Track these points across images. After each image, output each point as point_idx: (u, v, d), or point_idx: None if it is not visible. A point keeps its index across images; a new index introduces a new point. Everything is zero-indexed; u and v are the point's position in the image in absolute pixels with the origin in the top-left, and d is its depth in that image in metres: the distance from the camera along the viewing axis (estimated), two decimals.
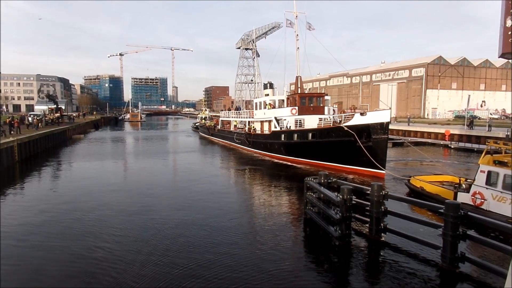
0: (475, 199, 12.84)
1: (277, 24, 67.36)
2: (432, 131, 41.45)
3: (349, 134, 21.97)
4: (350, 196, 10.28)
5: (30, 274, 8.85)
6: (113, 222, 12.77)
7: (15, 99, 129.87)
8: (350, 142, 21.99)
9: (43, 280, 8.60)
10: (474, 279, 8.49)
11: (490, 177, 12.34)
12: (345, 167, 23.29)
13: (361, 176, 21.47)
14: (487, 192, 12.44)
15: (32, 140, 30.35)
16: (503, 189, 11.83)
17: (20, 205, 15.41)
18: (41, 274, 8.86)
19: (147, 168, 25.91)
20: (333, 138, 23.57)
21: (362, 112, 22.29)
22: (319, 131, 25.12)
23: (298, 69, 31.89)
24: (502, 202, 11.82)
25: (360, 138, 21.58)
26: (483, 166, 12.68)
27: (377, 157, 21.15)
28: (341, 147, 22.92)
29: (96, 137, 53.49)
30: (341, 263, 9.84)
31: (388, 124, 21.21)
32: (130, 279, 8.45)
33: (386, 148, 21.64)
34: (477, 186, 12.86)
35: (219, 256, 9.75)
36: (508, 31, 2.71)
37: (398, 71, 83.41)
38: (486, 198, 12.43)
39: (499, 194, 11.97)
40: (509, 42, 2.77)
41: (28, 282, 8.49)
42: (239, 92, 75.79)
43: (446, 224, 8.62)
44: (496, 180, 12.08)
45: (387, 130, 21.28)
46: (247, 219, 13.71)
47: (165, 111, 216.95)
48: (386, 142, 21.55)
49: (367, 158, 21.20)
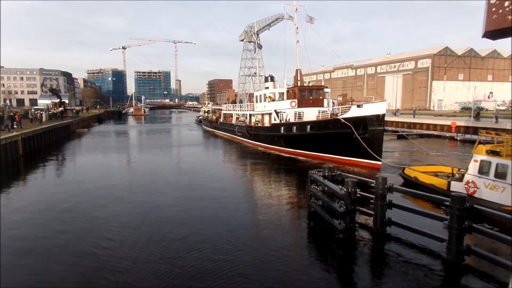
0: (468, 188, 13.19)
1: (280, 16, 66.63)
2: (438, 123, 41.01)
3: (346, 126, 22.22)
4: (354, 189, 10.19)
5: (29, 273, 8.74)
6: (117, 218, 12.78)
7: (18, 93, 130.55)
8: (347, 134, 22.23)
9: (43, 280, 8.46)
10: (479, 272, 8.39)
11: (483, 166, 12.76)
12: (343, 158, 23.57)
13: (358, 167, 21.73)
14: (479, 181, 12.83)
15: (36, 134, 30.48)
16: (495, 177, 12.28)
17: (24, 200, 15.49)
18: (42, 274, 8.77)
19: (150, 162, 25.95)
20: (330, 130, 23.79)
21: (359, 104, 22.59)
22: (317, 123, 25.33)
23: (297, 62, 32.08)
24: (494, 190, 12.28)
25: (357, 130, 21.82)
26: (476, 156, 13.09)
27: (373, 149, 21.37)
28: (339, 139, 23.18)
29: (100, 131, 53.65)
30: (345, 256, 9.79)
31: (384, 116, 21.58)
32: (135, 274, 8.45)
33: (382, 140, 21.96)
34: (470, 175, 13.26)
35: (222, 249, 9.72)
36: (493, 8, 2.39)
37: (404, 62, 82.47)
38: (479, 187, 12.82)
39: (491, 183, 12.40)
40: (492, 19, 2.42)
41: (28, 280, 8.38)
42: (242, 85, 75.61)
43: (451, 217, 8.51)
44: (488, 169, 12.52)
45: (383, 122, 21.72)
46: (249, 213, 13.67)
47: (168, 105, 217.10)
48: (382, 133, 21.92)
49: (363, 149, 21.42)
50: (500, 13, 2.29)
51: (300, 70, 32.31)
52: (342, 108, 24.45)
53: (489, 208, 9.72)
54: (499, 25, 2.32)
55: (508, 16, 2.26)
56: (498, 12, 2.30)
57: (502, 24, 2.32)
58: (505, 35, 2.54)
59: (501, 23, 2.31)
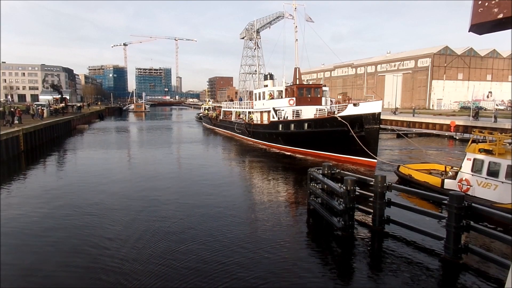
0: (462, 186, 13.43)
1: (281, 14, 66.33)
2: (437, 122, 41.09)
3: (343, 124, 22.46)
4: (353, 187, 10.29)
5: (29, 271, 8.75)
6: (117, 215, 12.87)
7: (19, 89, 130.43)
8: (344, 132, 22.46)
9: (42, 275, 8.45)
10: (477, 270, 8.50)
11: (476, 165, 13.00)
12: (339, 156, 23.83)
13: (354, 165, 21.96)
14: (472, 179, 13.07)
15: (37, 130, 30.54)
16: (487, 175, 12.51)
17: (24, 195, 15.58)
18: (39, 268, 8.80)
19: (151, 158, 26.05)
20: (327, 128, 24.02)
21: (355, 103, 22.82)
22: (314, 121, 25.53)
23: (296, 61, 32.36)
24: (487, 188, 12.51)
25: (353, 128, 22.05)
26: (469, 154, 13.33)
27: (369, 146, 21.57)
28: (335, 137, 23.43)
29: (100, 127, 53.68)
30: (344, 253, 9.90)
31: (379, 115, 21.75)
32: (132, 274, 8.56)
33: (377, 138, 22.23)
34: (464, 173, 13.51)
35: (222, 245, 9.82)
36: (479, 1, 2.29)
37: (404, 61, 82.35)
38: (472, 184, 13.05)
39: (483, 180, 12.66)
40: (478, 12, 2.29)
41: (28, 278, 8.35)
42: (243, 82, 75.49)
43: (450, 215, 8.61)
44: (481, 167, 12.76)
45: (379, 121, 21.95)
46: (249, 210, 13.73)
47: (169, 102, 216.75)
48: (378, 132, 22.17)
49: (359, 147, 21.65)
50: (486, 6, 2.21)
51: (299, 68, 32.55)
52: (339, 107, 24.78)
53: (482, 205, 9.91)
54: (484, 18, 2.24)
55: (494, 9, 2.18)
56: (484, 5, 2.24)
57: (488, 17, 2.23)
58: (491, 30, 2.44)
59: (487, 16, 2.23)
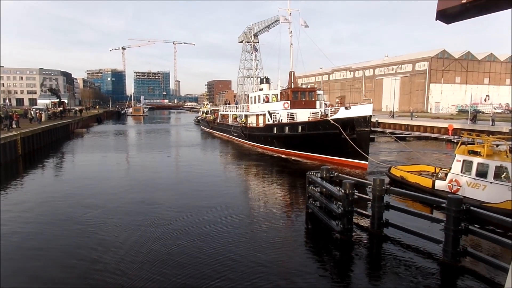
0: (452, 186, 13.82)
1: (278, 18, 66.76)
2: (435, 126, 41.22)
3: (335, 127, 22.88)
4: (352, 190, 10.28)
5: (29, 272, 8.79)
6: (115, 218, 12.82)
7: (18, 93, 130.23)
8: (336, 134, 22.87)
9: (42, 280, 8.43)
10: (475, 274, 8.49)
11: (465, 166, 13.42)
12: (331, 158, 24.18)
13: (346, 167, 22.21)
14: (462, 179, 13.47)
15: (35, 134, 30.45)
16: (476, 176, 12.98)
17: (22, 199, 15.50)
18: (41, 274, 8.79)
19: (149, 162, 26.00)
20: (320, 131, 24.46)
21: (347, 106, 23.37)
22: (308, 124, 25.99)
23: (291, 64, 32.91)
24: (476, 188, 12.94)
25: (345, 130, 22.44)
26: (459, 156, 13.76)
27: (360, 148, 21.90)
28: (328, 139, 23.83)
29: (99, 131, 53.59)
30: (342, 257, 9.88)
31: (370, 118, 22.25)
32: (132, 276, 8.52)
33: (368, 140, 22.65)
34: (454, 174, 13.90)
35: (220, 250, 9.78)
36: None
37: (402, 65, 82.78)
38: (462, 185, 13.43)
39: (473, 181, 13.06)
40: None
41: (28, 279, 8.40)
42: (241, 86, 75.49)
43: (448, 219, 8.61)
44: (470, 168, 13.21)
45: (370, 123, 22.49)
46: (246, 214, 13.68)
47: (167, 105, 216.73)
48: (369, 134, 22.63)
49: (351, 149, 22.02)
50: None
51: (294, 72, 33.07)
52: (332, 110, 25.32)
53: (475, 205, 10.14)
54: (449, 3, 2.13)
55: None
56: None
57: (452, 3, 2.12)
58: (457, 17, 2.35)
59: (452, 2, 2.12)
